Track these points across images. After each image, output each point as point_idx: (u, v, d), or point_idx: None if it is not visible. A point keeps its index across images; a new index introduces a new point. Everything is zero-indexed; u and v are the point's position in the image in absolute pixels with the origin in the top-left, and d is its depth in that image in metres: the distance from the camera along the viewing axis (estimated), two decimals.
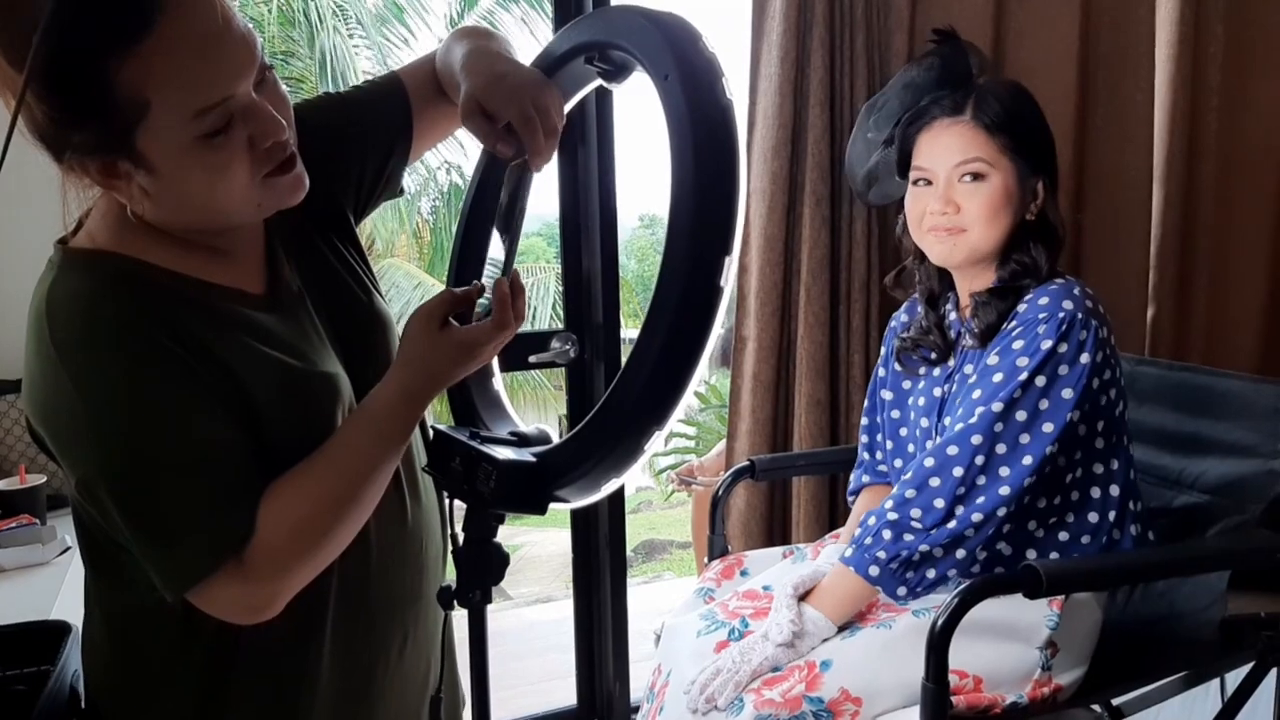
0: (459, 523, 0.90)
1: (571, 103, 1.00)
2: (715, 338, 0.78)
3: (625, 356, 0.81)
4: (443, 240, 10.87)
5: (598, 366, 2.03)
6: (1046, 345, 1.26)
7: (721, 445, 2.68)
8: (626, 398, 0.78)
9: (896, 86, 1.51)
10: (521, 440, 0.92)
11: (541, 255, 11.88)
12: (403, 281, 9.89)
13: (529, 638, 3.46)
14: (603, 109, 1.95)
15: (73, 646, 0.98)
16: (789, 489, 2.07)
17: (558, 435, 0.92)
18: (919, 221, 1.40)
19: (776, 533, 2.09)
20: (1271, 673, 1.37)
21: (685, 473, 3.23)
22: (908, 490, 1.28)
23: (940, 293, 1.50)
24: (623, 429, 0.79)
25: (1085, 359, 1.27)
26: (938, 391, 1.44)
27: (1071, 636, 1.27)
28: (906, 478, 1.30)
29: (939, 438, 1.40)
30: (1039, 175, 1.38)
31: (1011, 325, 1.32)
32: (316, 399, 0.89)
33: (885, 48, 2.00)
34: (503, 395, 1.05)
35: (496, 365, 1.04)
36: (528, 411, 9.80)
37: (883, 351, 1.58)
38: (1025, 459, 1.25)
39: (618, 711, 2.18)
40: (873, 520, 1.29)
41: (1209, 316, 2.32)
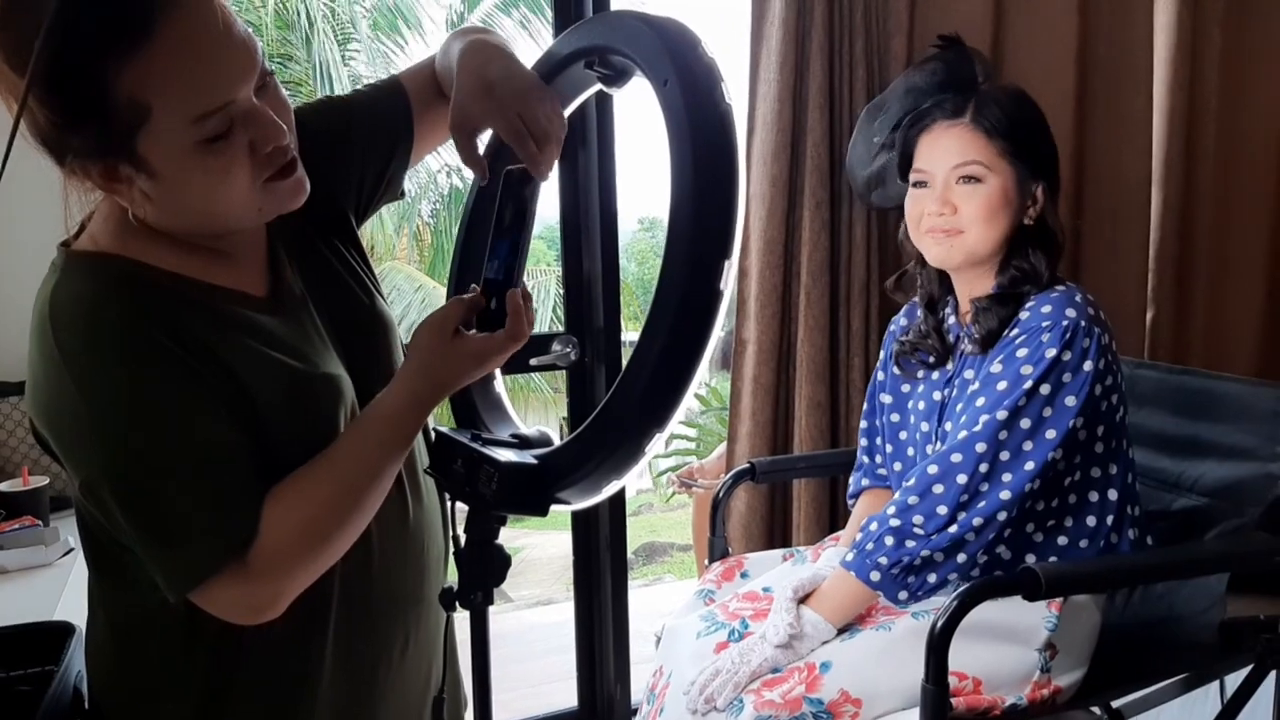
0: (460, 524, 0.90)
1: (571, 107, 1.00)
2: (715, 341, 0.79)
3: (626, 359, 0.82)
4: (443, 243, 10.87)
5: (598, 369, 2.04)
6: (1051, 354, 1.26)
7: (722, 448, 2.68)
8: (627, 400, 0.79)
9: (898, 90, 1.51)
10: (523, 442, 0.92)
11: (542, 258, 11.87)
12: (403, 284, 9.90)
13: (530, 640, 3.46)
14: (603, 112, 1.96)
15: (76, 647, 0.98)
16: (789, 491, 2.08)
17: (558, 438, 0.92)
18: (917, 223, 1.41)
19: (777, 535, 2.09)
20: (1271, 675, 1.38)
21: (686, 475, 3.24)
22: (910, 496, 1.28)
23: (940, 297, 1.50)
24: (624, 431, 0.79)
25: (1089, 366, 1.27)
26: (937, 395, 1.44)
27: (1071, 639, 1.27)
28: (909, 484, 1.30)
29: (939, 442, 1.40)
30: (1039, 180, 1.38)
31: (1014, 333, 1.32)
32: (319, 401, 0.89)
33: (884, 52, 2.00)
34: (504, 398, 1.05)
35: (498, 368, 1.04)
36: (528, 414, 9.79)
37: (882, 355, 1.58)
38: (1028, 465, 1.26)
39: (618, 713, 2.18)
40: (874, 525, 1.30)
41: (1208, 319, 2.32)
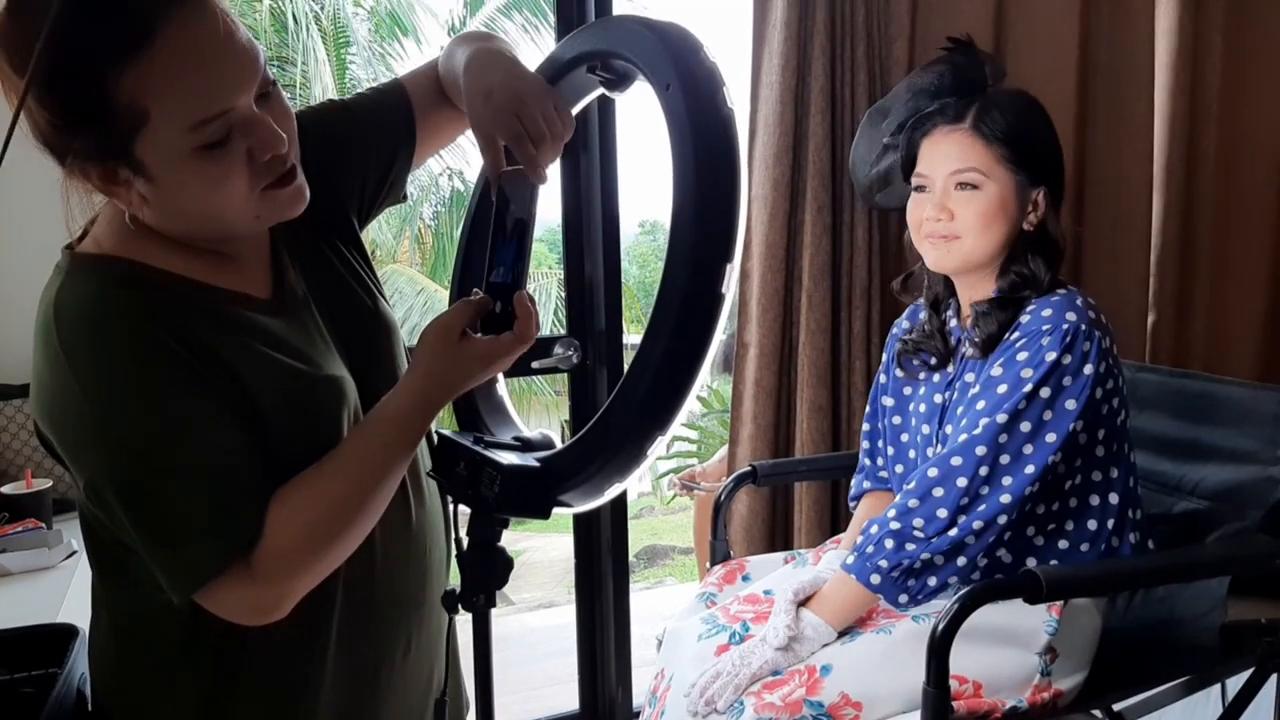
0: (463, 527, 0.91)
1: (574, 111, 1.00)
2: (717, 344, 0.79)
3: (627, 362, 0.82)
4: (445, 246, 10.88)
5: (600, 372, 2.04)
6: (1051, 357, 1.26)
7: (724, 451, 2.68)
8: (629, 403, 0.79)
9: (904, 93, 1.51)
10: (525, 445, 0.92)
11: (544, 261, 11.88)
12: (405, 287, 9.90)
13: (531, 643, 3.46)
14: (605, 116, 1.96)
15: (80, 649, 0.98)
16: (791, 494, 2.08)
17: (560, 441, 0.92)
18: (918, 227, 1.41)
19: (778, 538, 2.09)
20: (1272, 678, 1.37)
21: (687, 478, 3.25)
22: (911, 500, 1.28)
23: (944, 298, 1.50)
24: (625, 434, 0.80)
25: (1089, 370, 1.27)
26: (938, 398, 1.44)
27: (1071, 642, 1.27)
28: (910, 487, 1.30)
29: (940, 445, 1.40)
30: (1040, 187, 1.37)
31: (1015, 336, 1.32)
32: (321, 402, 0.90)
33: (886, 56, 2.01)
34: (506, 401, 1.05)
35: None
36: (531, 417, 9.80)
37: (884, 358, 1.58)
38: (1028, 468, 1.26)
39: (620, 716, 2.18)
40: (875, 529, 1.30)
41: (1209, 323, 2.33)
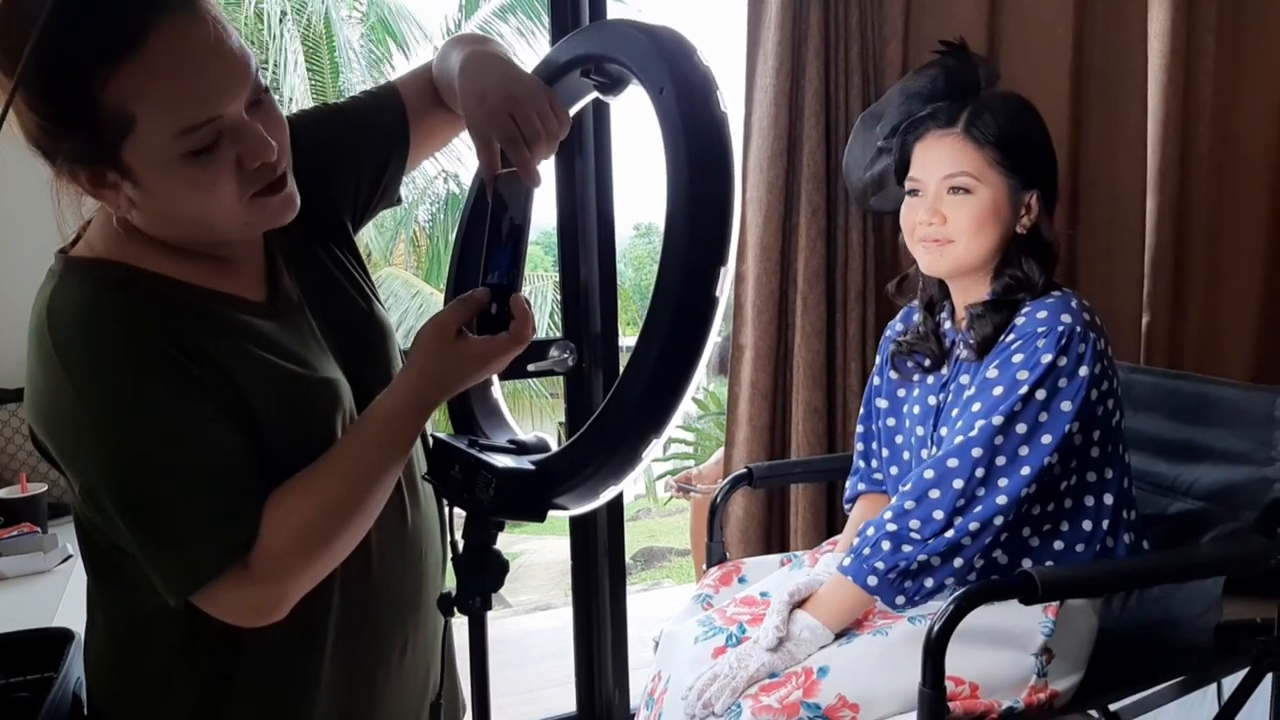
0: (459, 530, 0.91)
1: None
2: (712, 347, 0.79)
3: (623, 365, 0.82)
4: (440, 249, 10.86)
5: (596, 375, 2.04)
6: (1046, 359, 1.27)
7: (720, 453, 2.68)
8: (624, 406, 0.79)
9: (897, 97, 1.51)
10: (520, 448, 0.92)
11: (539, 264, 11.88)
12: (401, 290, 9.88)
13: (528, 645, 3.46)
14: (599, 119, 1.96)
15: (75, 654, 0.98)
16: (787, 496, 2.08)
17: (555, 444, 0.93)
18: (911, 231, 1.41)
19: (774, 540, 2.10)
20: (1267, 678, 1.38)
21: (684, 480, 3.25)
22: (907, 501, 1.28)
23: (939, 301, 1.51)
24: (621, 436, 0.80)
25: (1084, 372, 1.27)
26: (933, 400, 1.44)
27: (1067, 642, 1.27)
28: (906, 489, 1.30)
29: (935, 447, 1.40)
30: (1033, 190, 1.37)
31: (1010, 338, 1.32)
32: (316, 405, 0.90)
33: (880, 59, 2.01)
34: (501, 404, 1.05)
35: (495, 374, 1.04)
36: (526, 420, 9.79)
37: (878, 360, 1.59)
38: (1024, 470, 1.26)
39: (617, 718, 2.18)
40: (871, 531, 1.30)
41: (1203, 324, 2.33)
